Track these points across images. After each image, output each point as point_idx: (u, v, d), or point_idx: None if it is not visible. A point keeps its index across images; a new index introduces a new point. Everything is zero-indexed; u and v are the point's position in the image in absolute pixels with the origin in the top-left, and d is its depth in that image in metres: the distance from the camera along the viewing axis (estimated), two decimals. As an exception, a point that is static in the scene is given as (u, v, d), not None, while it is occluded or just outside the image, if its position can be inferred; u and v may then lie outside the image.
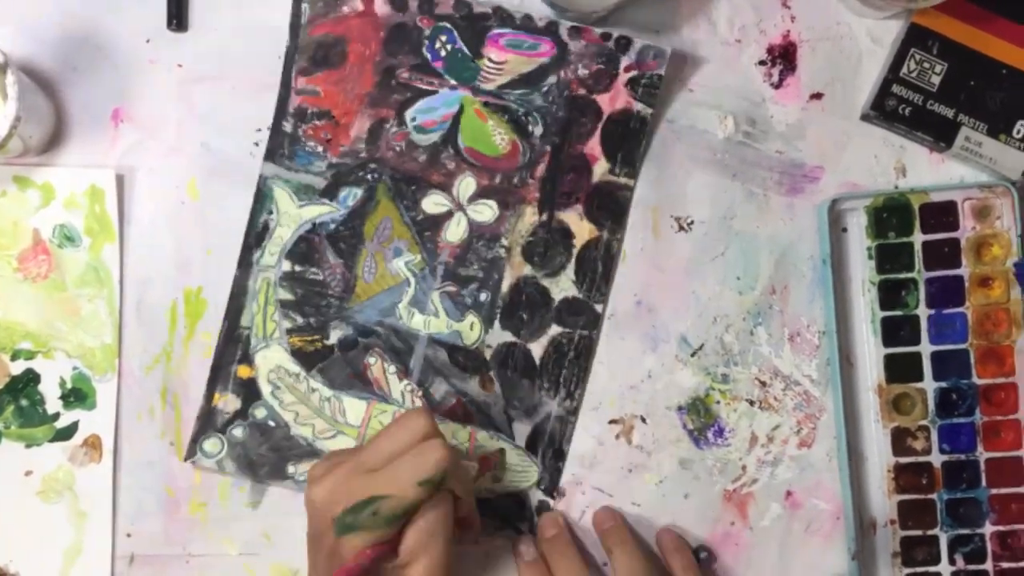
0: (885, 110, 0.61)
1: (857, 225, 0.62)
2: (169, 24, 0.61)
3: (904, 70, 0.61)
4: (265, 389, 0.61)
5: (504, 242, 0.62)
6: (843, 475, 0.62)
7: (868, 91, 0.62)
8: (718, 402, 0.62)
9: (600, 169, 0.62)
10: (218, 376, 0.61)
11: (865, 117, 0.62)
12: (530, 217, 0.62)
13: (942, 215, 0.61)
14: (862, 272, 0.62)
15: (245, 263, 0.61)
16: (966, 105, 0.61)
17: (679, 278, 0.62)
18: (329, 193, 0.61)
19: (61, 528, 0.61)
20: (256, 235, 0.61)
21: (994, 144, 0.61)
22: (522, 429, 0.62)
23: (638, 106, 0.61)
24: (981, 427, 0.61)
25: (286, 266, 0.61)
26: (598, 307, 0.62)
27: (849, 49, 0.63)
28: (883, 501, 0.61)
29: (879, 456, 0.61)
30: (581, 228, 0.62)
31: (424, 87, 0.61)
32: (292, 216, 0.61)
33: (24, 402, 0.61)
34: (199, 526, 0.61)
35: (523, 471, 0.62)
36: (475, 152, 0.62)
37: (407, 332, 0.62)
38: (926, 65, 0.61)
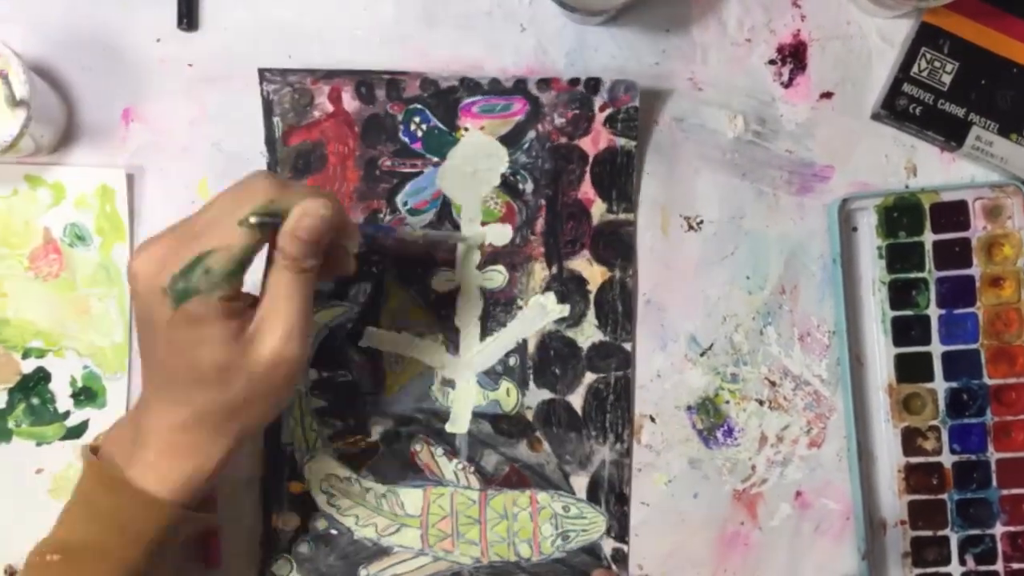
0: (896, 109, 0.61)
1: (867, 224, 0.62)
2: (179, 23, 0.62)
3: (915, 69, 0.61)
4: (320, 500, 0.61)
5: (520, 303, 0.62)
6: (853, 475, 0.61)
7: (878, 90, 0.62)
8: (727, 402, 0.62)
9: (598, 211, 0.62)
10: (271, 497, 0.61)
11: (875, 116, 0.62)
12: (540, 273, 0.62)
13: (953, 215, 0.61)
14: (872, 272, 0.62)
15: None
16: (977, 104, 0.61)
17: (688, 277, 0.62)
18: (339, 294, 0.61)
19: (72, 526, 0.61)
20: None
21: (1005, 143, 0.61)
22: (580, 482, 0.62)
23: (620, 141, 0.61)
24: (992, 427, 0.61)
25: (313, 375, 0.61)
26: (626, 346, 0.62)
27: (859, 48, 0.63)
28: (893, 501, 0.61)
29: (889, 456, 0.61)
30: (593, 272, 0.62)
31: (408, 170, 0.62)
32: None
33: (35, 400, 0.61)
34: (209, 525, 0.61)
35: (590, 523, 0.61)
36: None
37: (446, 412, 0.62)
38: (937, 64, 0.61)
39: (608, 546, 0.62)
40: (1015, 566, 0.60)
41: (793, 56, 0.63)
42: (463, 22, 0.62)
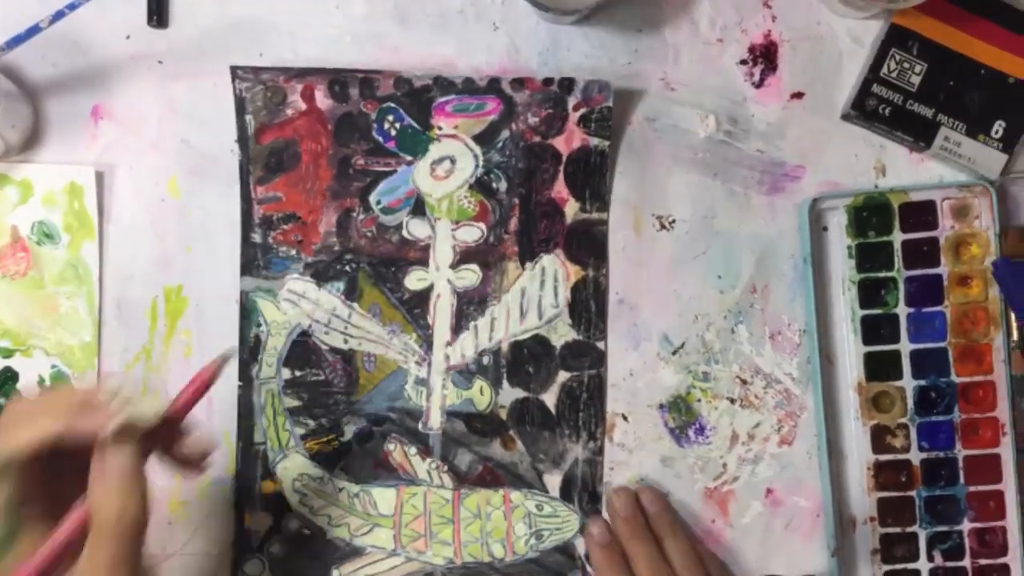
0: (865, 110, 0.61)
1: (837, 224, 0.62)
2: (149, 20, 0.61)
3: (884, 70, 0.61)
4: (293, 499, 0.61)
5: (493, 302, 0.62)
6: (823, 473, 0.62)
7: (848, 91, 0.63)
8: (699, 400, 0.63)
9: (571, 210, 0.62)
10: (243, 496, 0.61)
11: (845, 116, 0.63)
12: (513, 272, 0.62)
13: (921, 214, 0.62)
14: (842, 271, 0.62)
15: (245, 379, 0.61)
16: (945, 105, 0.61)
17: (661, 276, 0.63)
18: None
19: (39, 527, 0.60)
20: (250, 350, 0.61)
21: (973, 144, 0.61)
22: (553, 480, 0.62)
23: (594, 141, 0.62)
24: (959, 425, 0.61)
25: (286, 374, 0.61)
26: (600, 344, 0.62)
27: (830, 49, 0.63)
28: (863, 498, 0.62)
29: (859, 454, 0.62)
30: (566, 271, 0.62)
31: (382, 169, 0.62)
32: (281, 324, 0.61)
33: (2, 400, 0.61)
34: (179, 525, 0.61)
35: (564, 522, 0.61)
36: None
37: (420, 411, 0.62)
38: (906, 65, 0.61)
39: (582, 545, 0.62)
40: (982, 562, 0.61)
41: (764, 56, 0.63)
42: (436, 20, 0.62)
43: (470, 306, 0.62)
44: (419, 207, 0.62)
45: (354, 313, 0.61)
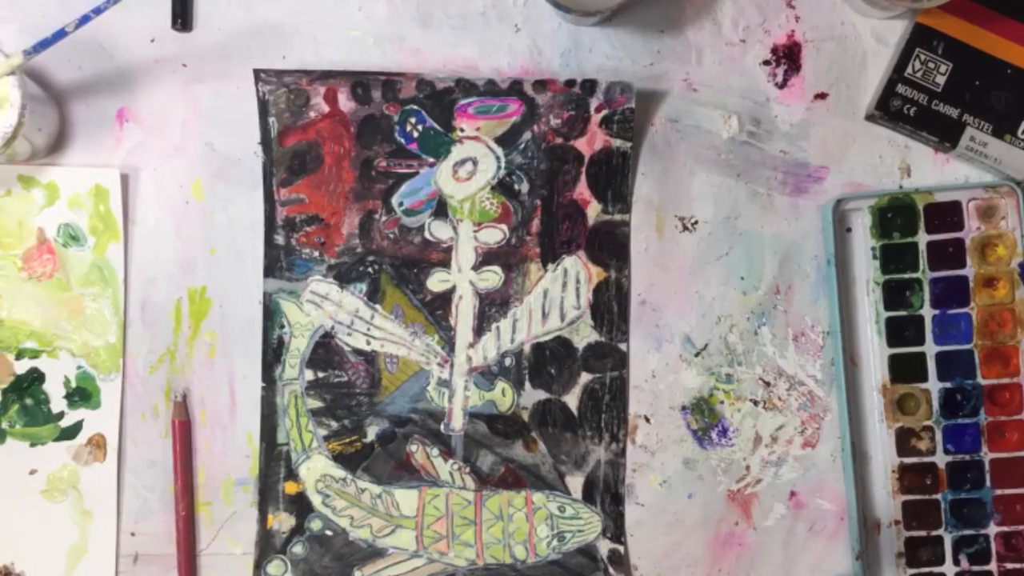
0: (890, 110, 0.61)
1: (862, 225, 0.62)
2: (174, 24, 0.62)
3: (909, 70, 0.61)
4: (315, 500, 0.61)
5: (515, 303, 0.62)
6: (847, 475, 0.61)
7: (873, 91, 0.62)
8: (722, 402, 0.62)
9: (593, 212, 0.62)
10: (267, 497, 0.61)
11: (870, 117, 0.62)
12: (536, 273, 0.62)
13: (947, 215, 0.61)
14: (866, 272, 0.62)
15: (268, 380, 0.61)
16: (971, 105, 0.61)
17: (683, 278, 0.62)
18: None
19: (65, 527, 0.61)
20: (273, 351, 0.61)
21: (999, 144, 0.61)
22: (575, 482, 0.62)
23: (616, 143, 0.62)
24: (986, 427, 0.61)
25: (309, 375, 0.61)
26: (622, 346, 0.62)
27: (854, 49, 0.63)
28: (887, 501, 0.61)
29: (883, 456, 0.61)
30: (589, 273, 0.62)
31: (404, 171, 0.62)
32: (304, 325, 0.61)
33: (29, 401, 0.61)
34: (203, 525, 0.61)
35: (586, 524, 0.61)
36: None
37: (442, 412, 0.62)
38: (931, 65, 0.61)
39: (604, 547, 0.62)
40: (1009, 566, 0.60)
41: (787, 57, 0.63)
42: (458, 22, 0.62)
43: (492, 308, 0.62)
44: (441, 209, 0.62)
45: (376, 314, 0.62)
